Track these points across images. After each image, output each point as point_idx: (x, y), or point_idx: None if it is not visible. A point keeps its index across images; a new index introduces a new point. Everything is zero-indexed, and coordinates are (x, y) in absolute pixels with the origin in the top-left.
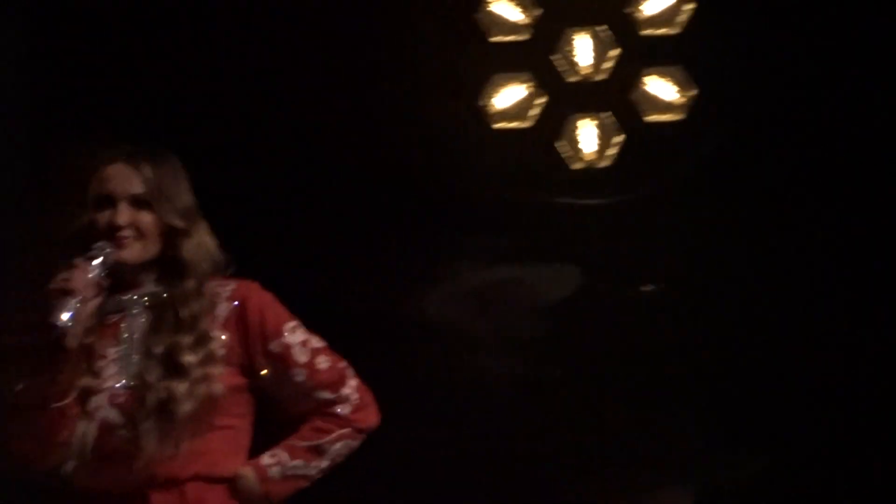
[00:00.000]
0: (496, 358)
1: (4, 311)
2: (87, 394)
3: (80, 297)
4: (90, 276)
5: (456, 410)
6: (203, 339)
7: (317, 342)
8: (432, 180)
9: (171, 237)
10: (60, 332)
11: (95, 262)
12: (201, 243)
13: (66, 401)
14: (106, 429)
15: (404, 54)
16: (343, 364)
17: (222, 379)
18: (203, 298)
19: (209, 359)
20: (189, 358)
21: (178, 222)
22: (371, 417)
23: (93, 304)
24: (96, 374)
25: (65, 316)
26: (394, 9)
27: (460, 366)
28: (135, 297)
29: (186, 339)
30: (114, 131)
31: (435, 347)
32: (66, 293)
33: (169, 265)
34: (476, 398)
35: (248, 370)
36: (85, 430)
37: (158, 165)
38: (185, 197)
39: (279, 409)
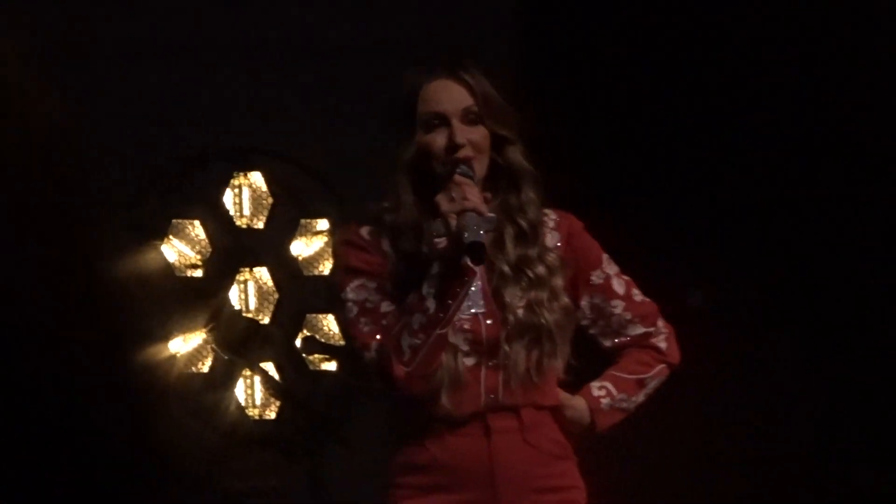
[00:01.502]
0: None
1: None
2: None
3: (484, 214)
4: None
5: None
6: (546, 250)
7: (625, 276)
8: None
9: (499, 147)
10: (477, 249)
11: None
12: (523, 150)
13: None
14: (456, 355)
15: None
16: (650, 299)
17: None
18: (539, 206)
19: (555, 270)
20: (540, 269)
21: (507, 131)
22: (678, 354)
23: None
24: None
25: (482, 232)
26: None
27: None
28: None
29: (532, 251)
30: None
31: None
32: (473, 211)
33: (498, 177)
34: None
35: (572, 299)
36: (448, 357)
37: (479, 74)
38: (505, 103)
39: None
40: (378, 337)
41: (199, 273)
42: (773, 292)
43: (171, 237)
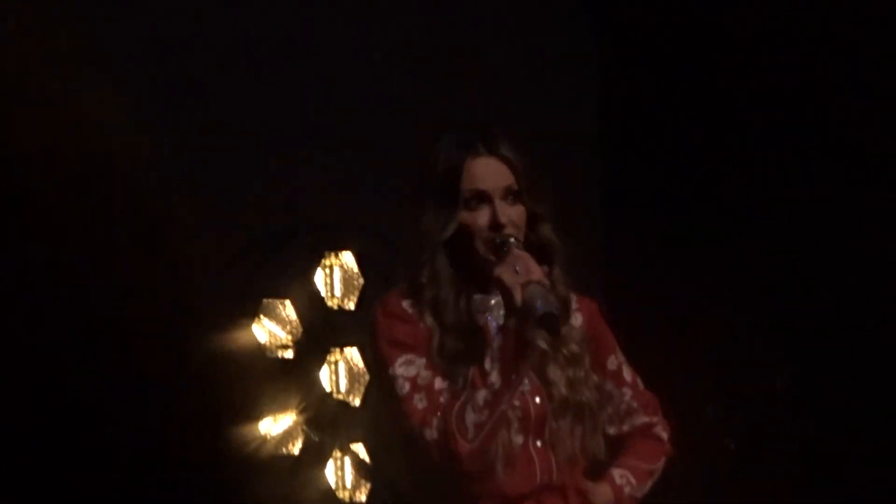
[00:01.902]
0: None
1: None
2: None
3: (547, 286)
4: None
5: None
6: (574, 329)
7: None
8: None
9: (532, 224)
10: (552, 320)
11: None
12: (554, 227)
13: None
14: (510, 431)
15: None
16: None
17: None
18: (569, 285)
19: (584, 350)
20: (574, 347)
21: (542, 208)
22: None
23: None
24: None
25: (553, 304)
26: None
27: None
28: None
29: (565, 329)
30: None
31: None
32: (539, 284)
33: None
34: None
35: None
36: (503, 434)
37: (518, 151)
38: (540, 179)
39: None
40: (439, 414)
41: (289, 354)
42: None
43: (261, 317)
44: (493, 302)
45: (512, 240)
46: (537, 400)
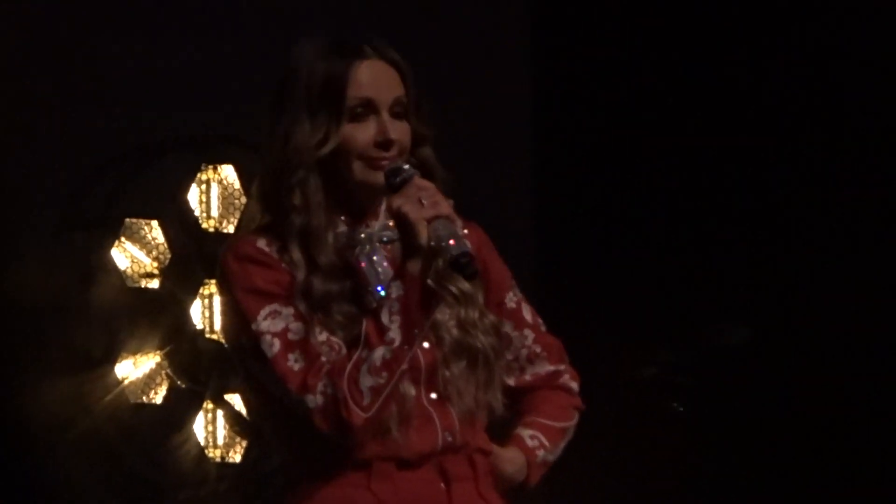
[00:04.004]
0: None
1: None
2: None
3: (457, 222)
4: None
5: None
6: None
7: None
8: None
9: (414, 145)
10: (468, 261)
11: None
12: (434, 157)
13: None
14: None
15: None
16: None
17: None
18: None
19: (477, 285)
20: (463, 283)
21: (426, 129)
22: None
23: None
24: None
25: (466, 243)
26: None
27: None
28: (383, 228)
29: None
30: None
31: None
32: (446, 218)
33: None
34: None
35: None
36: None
37: (405, 60)
38: (425, 96)
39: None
40: (324, 376)
41: (155, 284)
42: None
43: (123, 239)
44: (362, 235)
45: (406, 166)
46: (425, 345)
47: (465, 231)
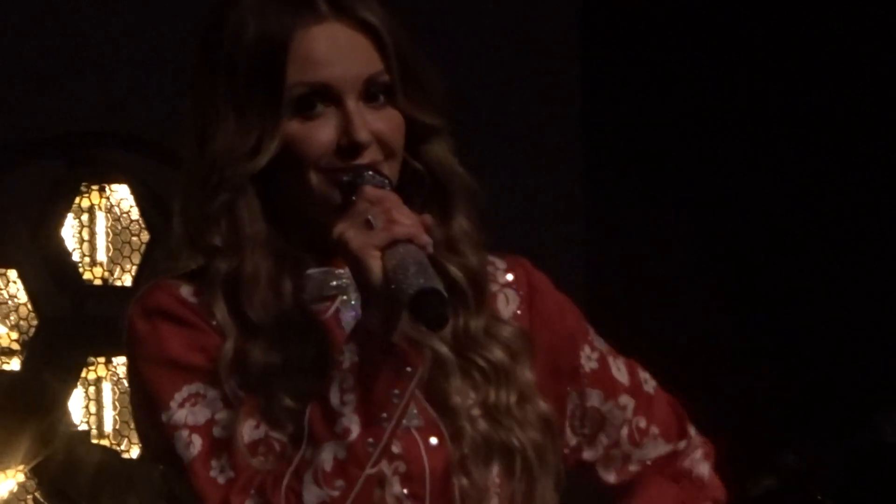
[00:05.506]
0: None
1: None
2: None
3: (426, 246)
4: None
5: None
6: (498, 322)
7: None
8: None
9: (416, 141)
10: (434, 301)
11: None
12: (452, 147)
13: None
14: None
15: None
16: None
17: None
18: (481, 243)
19: (519, 355)
20: (496, 353)
21: (431, 116)
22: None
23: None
24: None
25: (433, 275)
26: None
27: None
28: None
29: (477, 321)
30: None
31: None
32: (409, 242)
33: (412, 191)
34: None
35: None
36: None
37: (387, 14)
38: (432, 71)
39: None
40: (253, 492)
41: (15, 364)
42: None
43: None
44: (333, 283)
45: (369, 172)
46: (433, 442)
47: (510, 276)
